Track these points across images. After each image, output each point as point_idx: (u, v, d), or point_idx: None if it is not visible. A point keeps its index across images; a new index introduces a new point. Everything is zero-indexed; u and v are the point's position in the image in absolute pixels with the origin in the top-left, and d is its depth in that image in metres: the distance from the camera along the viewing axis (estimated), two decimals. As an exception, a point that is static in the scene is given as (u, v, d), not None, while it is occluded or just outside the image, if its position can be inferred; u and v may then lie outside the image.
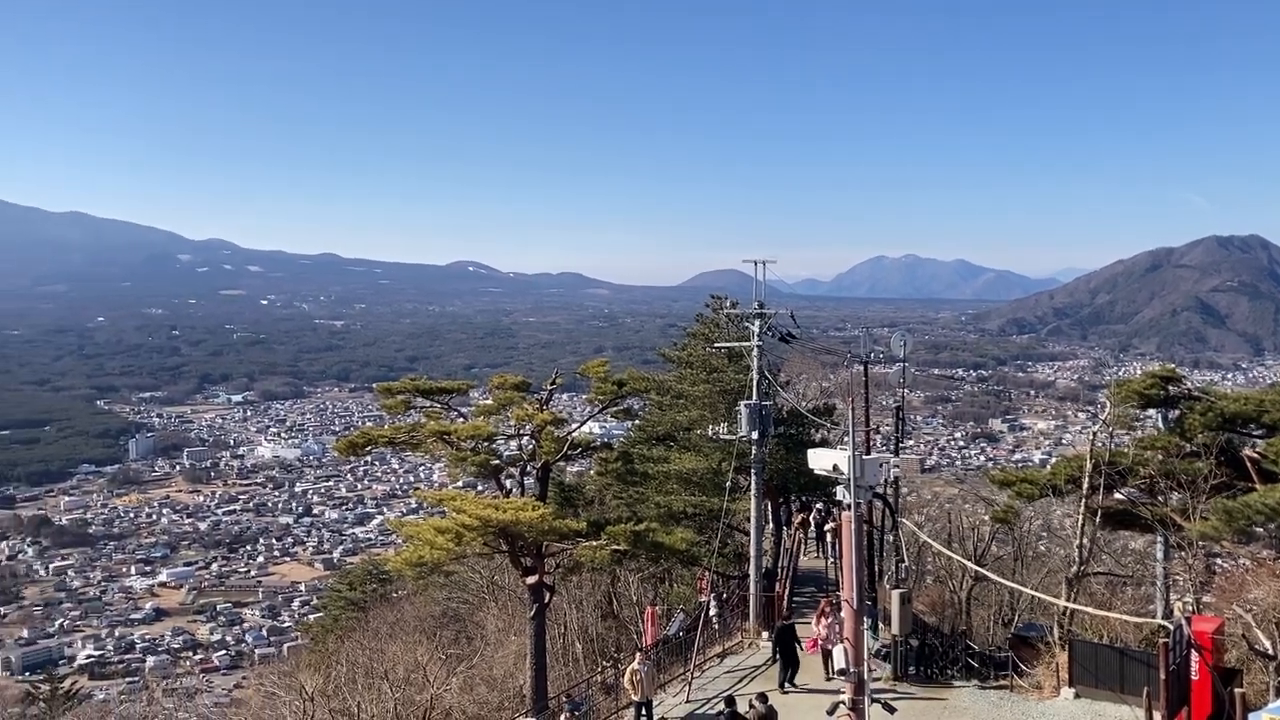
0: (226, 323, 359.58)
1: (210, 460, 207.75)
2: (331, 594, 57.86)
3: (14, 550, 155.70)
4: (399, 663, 26.29)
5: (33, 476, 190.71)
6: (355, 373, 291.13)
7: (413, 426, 27.71)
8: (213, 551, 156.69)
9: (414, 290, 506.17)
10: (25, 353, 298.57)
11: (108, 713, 41.10)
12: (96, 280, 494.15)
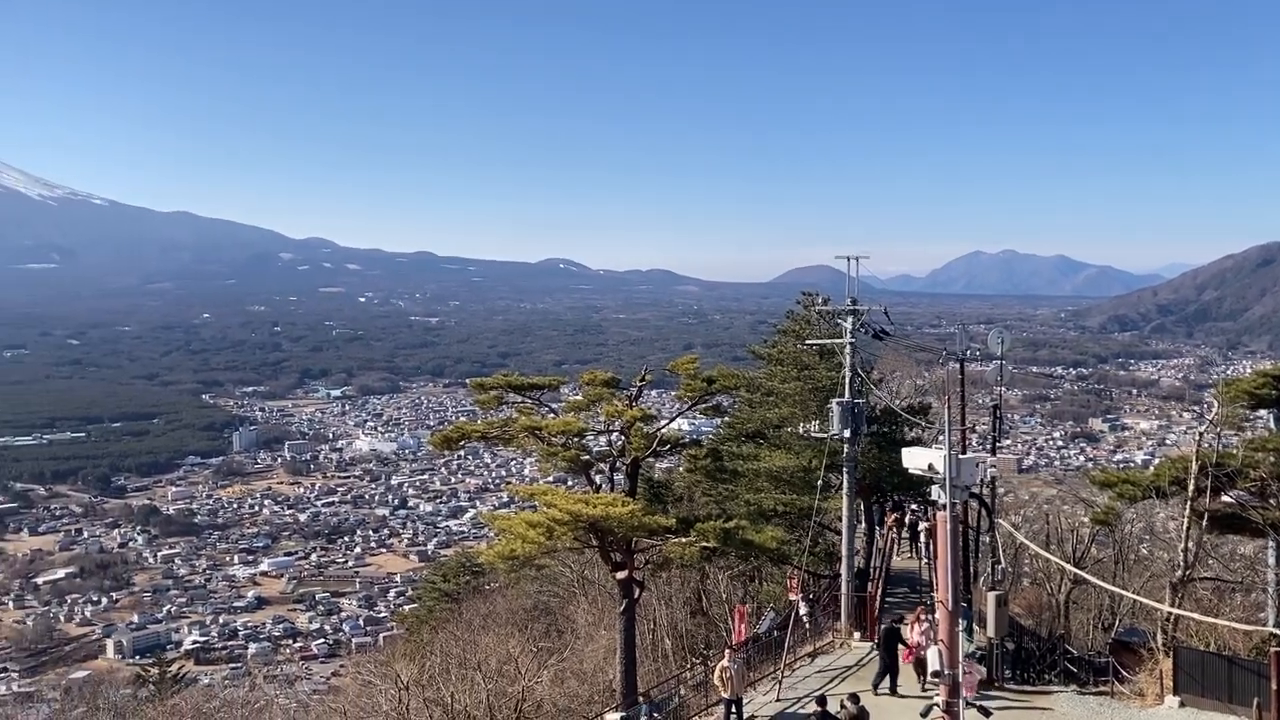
0: (326, 319, 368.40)
1: (310, 453, 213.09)
2: (426, 585, 58.90)
3: (125, 538, 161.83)
4: (491, 654, 26.63)
5: (142, 467, 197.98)
6: (449, 368, 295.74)
7: (505, 422, 27.99)
8: (312, 542, 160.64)
9: (506, 288, 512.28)
10: (135, 348, 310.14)
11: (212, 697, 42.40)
12: (202, 278, 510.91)
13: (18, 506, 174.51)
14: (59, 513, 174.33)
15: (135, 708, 33.50)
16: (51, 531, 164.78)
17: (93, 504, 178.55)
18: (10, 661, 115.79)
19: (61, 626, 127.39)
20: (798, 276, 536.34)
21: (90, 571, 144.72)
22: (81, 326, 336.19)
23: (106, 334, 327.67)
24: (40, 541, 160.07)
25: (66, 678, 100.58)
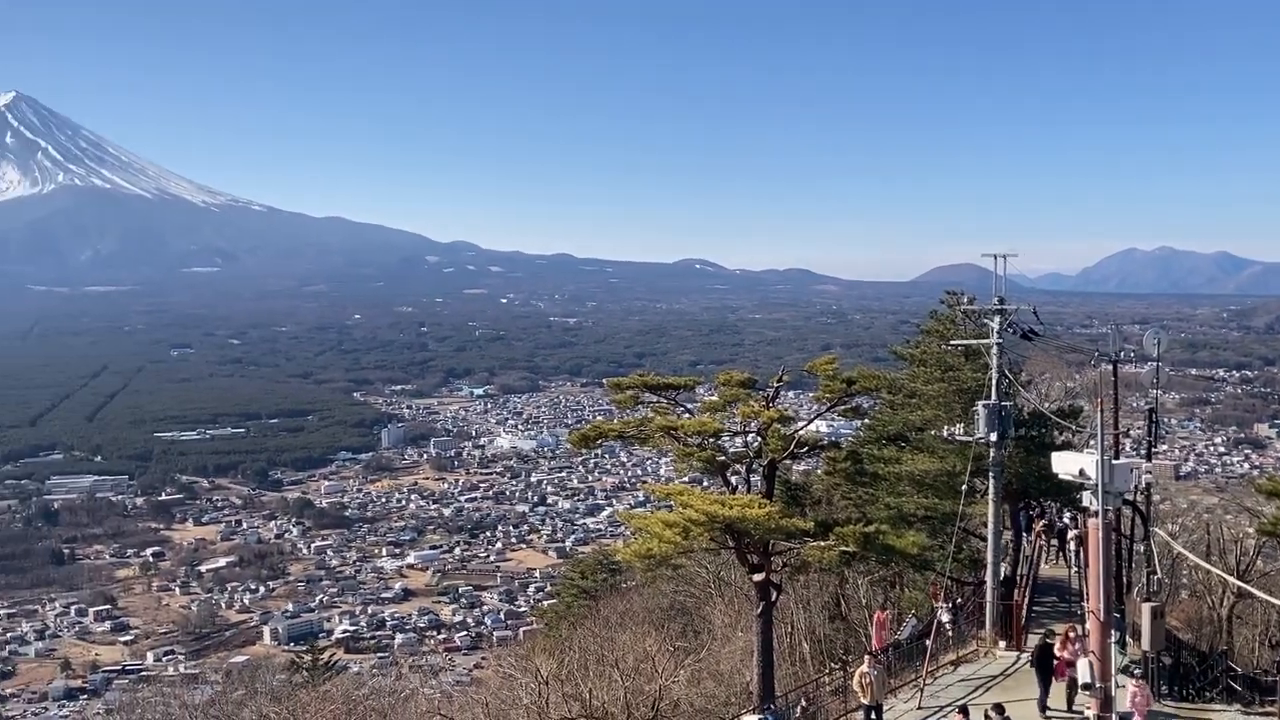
0: (469, 320, 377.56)
1: (454, 450, 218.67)
2: (564, 581, 59.75)
3: (281, 530, 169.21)
4: (629, 652, 26.81)
5: (297, 462, 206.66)
6: (587, 368, 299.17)
7: (641, 421, 28.12)
8: (456, 536, 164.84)
9: (642, 288, 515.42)
10: (291, 348, 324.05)
11: (361, 685, 43.99)
12: (354, 280, 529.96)
13: (183, 498, 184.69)
14: (221, 504, 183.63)
15: (290, 693, 34.94)
16: (214, 522, 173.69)
17: (251, 496, 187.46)
18: (176, 644, 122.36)
19: (222, 613, 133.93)
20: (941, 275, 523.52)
21: (249, 561, 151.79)
22: (242, 327, 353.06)
23: (265, 334, 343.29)
24: (204, 531, 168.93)
25: (227, 661, 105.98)
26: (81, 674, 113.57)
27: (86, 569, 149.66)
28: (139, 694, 60.34)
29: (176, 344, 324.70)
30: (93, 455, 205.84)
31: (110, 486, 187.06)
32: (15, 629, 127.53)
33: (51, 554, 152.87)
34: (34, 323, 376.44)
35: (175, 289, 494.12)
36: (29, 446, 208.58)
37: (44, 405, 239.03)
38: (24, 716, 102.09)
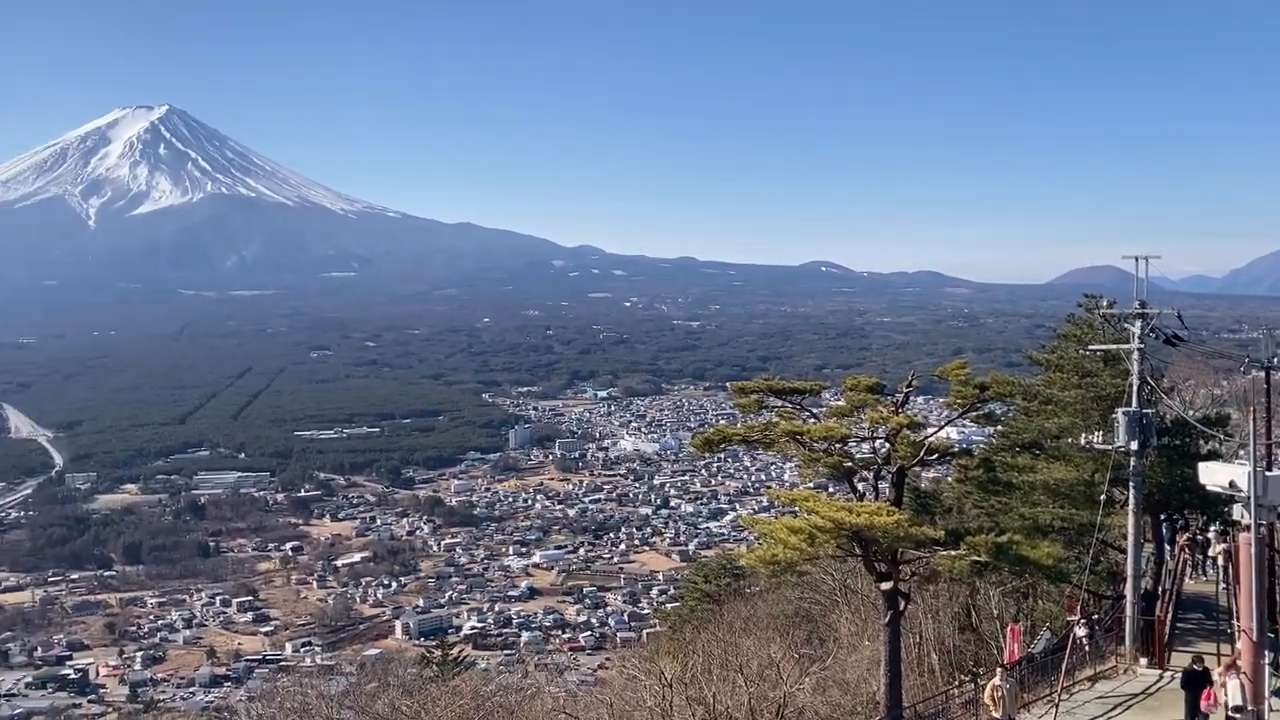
0: (594, 323, 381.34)
1: (578, 451, 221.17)
2: (688, 585, 59.74)
3: (413, 527, 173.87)
4: (753, 658, 26.68)
5: (428, 461, 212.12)
6: (710, 371, 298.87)
7: (766, 425, 27.92)
8: (580, 537, 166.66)
9: (767, 291, 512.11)
10: (423, 350, 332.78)
11: (488, 681, 44.80)
12: (483, 284, 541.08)
13: (321, 494, 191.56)
14: (356, 501, 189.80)
15: (420, 686, 35.85)
16: (349, 518, 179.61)
17: (385, 494, 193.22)
18: (313, 636, 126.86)
19: (357, 607, 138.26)
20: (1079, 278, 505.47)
21: (382, 557, 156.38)
22: (377, 330, 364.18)
23: (399, 336, 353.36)
24: (340, 527, 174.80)
25: (361, 654, 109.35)
26: (225, 662, 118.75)
27: (230, 561, 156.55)
28: (278, 683, 62.75)
29: (316, 346, 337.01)
30: (237, 452, 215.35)
31: (253, 482, 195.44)
32: (165, 617, 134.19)
33: (198, 546, 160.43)
34: (184, 325, 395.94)
35: (315, 293, 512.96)
36: (179, 443, 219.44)
37: (193, 404, 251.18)
38: (173, 700, 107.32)
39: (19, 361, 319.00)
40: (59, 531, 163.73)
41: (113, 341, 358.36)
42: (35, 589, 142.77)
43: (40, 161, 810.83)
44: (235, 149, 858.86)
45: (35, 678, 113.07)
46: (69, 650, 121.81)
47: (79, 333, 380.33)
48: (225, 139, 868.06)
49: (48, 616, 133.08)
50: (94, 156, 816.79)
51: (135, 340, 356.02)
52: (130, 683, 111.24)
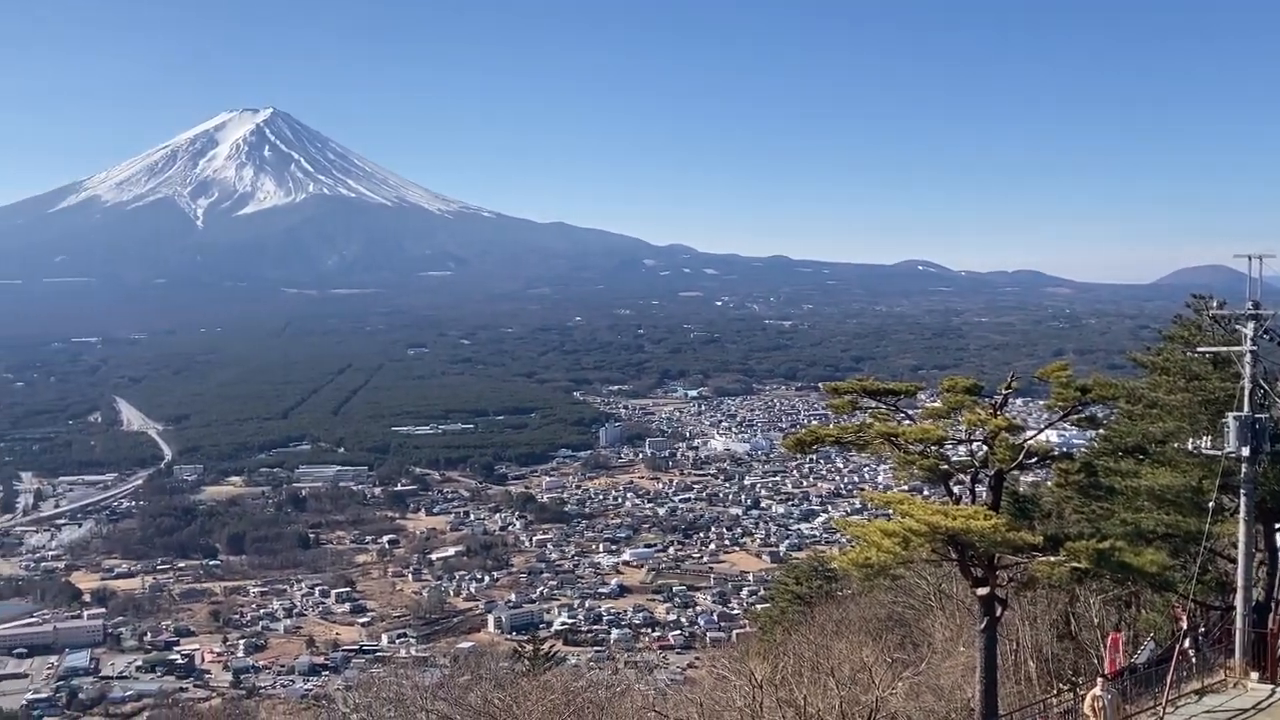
0: (684, 322, 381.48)
1: (668, 450, 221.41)
2: (778, 586, 59.36)
3: (505, 522, 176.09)
4: (845, 661, 26.42)
5: (520, 458, 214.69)
6: (802, 371, 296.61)
7: (859, 427, 27.57)
8: (670, 536, 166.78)
9: (861, 290, 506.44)
10: (516, 348, 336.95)
11: (579, 677, 45.14)
12: (575, 283, 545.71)
13: (416, 489, 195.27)
14: (450, 496, 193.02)
15: (512, 680, 36.27)
16: (444, 513, 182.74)
17: (478, 489, 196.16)
18: (408, 628, 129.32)
19: (450, 600, 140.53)
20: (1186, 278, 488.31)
21: (475, 551, 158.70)
22: (472, 328, 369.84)
23: (492, 335, 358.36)
24: (434, 521, 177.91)
25: (454, 647, 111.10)
26: (324, 651, 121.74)
27: (329, 553, 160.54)
28: (375, 673, 64.17)
29: (412, 344, 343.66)
30: (336, 447, 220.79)
31: (351, 476, 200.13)
32: (267, 606, 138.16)
33: (299, 538, 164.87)
34: (287, 323, 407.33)
35: (412, 292, 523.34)
36: (281, 437, 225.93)
37: (295, 399, 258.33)
38: (274, 687, 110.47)
39: (131, 357, 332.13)
40: (168, 521, 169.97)
41: (219, 338, 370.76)
42: (145, 576, 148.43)
43: (152, 163, 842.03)
44: (336, 150, 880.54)
45: (145, 661, 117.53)
46: (176, 636, 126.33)
47: (187, 329, 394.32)
48: (327, 141, 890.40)
49: (157, 603, 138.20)
50: (202, 158, 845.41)
51: (241, 337, 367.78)
52: (233, 669, 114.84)
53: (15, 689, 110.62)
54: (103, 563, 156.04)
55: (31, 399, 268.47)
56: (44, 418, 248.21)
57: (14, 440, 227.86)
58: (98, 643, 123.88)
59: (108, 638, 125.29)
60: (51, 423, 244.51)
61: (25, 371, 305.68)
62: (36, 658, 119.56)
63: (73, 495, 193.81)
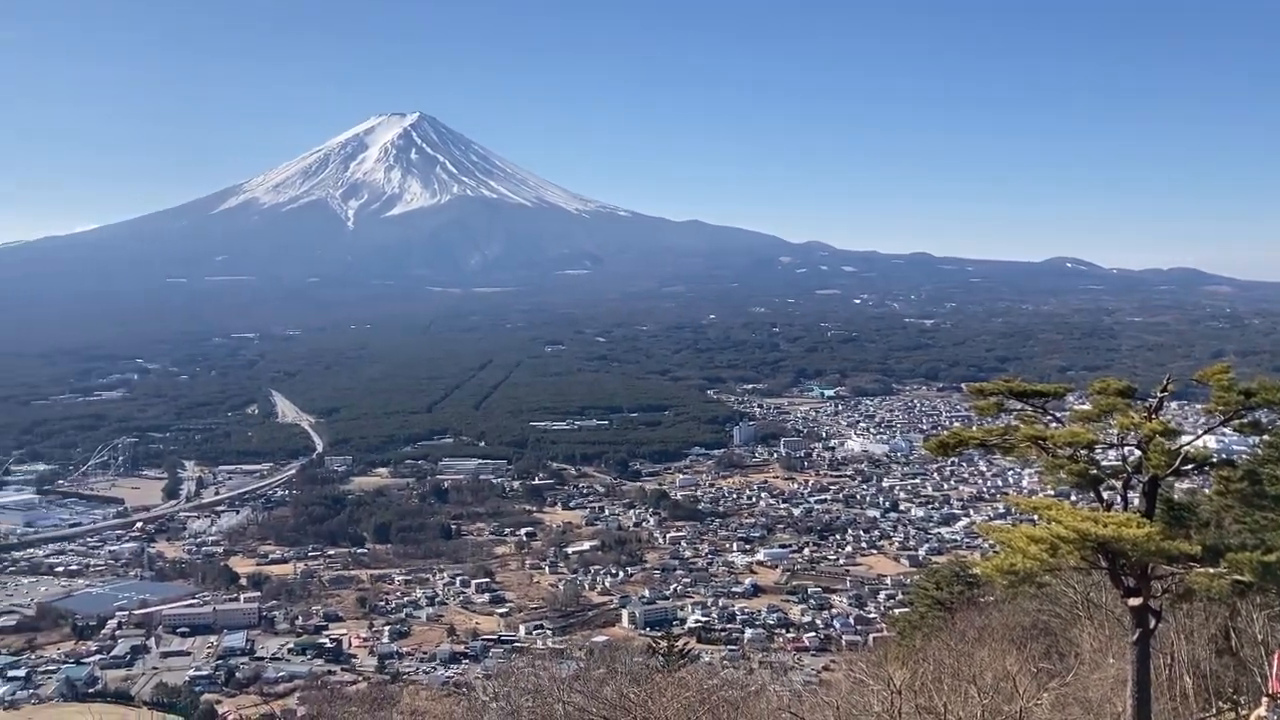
0: (821, 321, 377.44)
1: (804, 450, 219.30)
2: (917, 590, 58.14)
3: (639, 519, 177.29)
4: (987, 669, 25.74)
5: (654, 455, 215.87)
6: (944, 372, 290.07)
7: (1005, 429, 26.78)
8: (804, 537, 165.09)
9: (1006, 288, 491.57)
10: (651, 346, 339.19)
11: (713, 675, 45.23)
12: (709, 281, 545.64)
13: (553, 483, 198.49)
14: (586, 491, 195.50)
15: (647, 676, 36.56)
16: (579, 507, 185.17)
17: (613, 485, 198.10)
18: (545, 619, 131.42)
19: (585, 593, 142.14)
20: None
21: (609, 546, 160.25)
22: (607, 326, 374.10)
23: (627, 333, 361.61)
24: (570, 515, 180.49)
25: (589, 640, 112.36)
26: (464, 640, 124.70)
27: (470, 544, 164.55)
28: (513, 663, 65.55)
29: (550, 341, 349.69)
30: (477, 440, 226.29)
31: (491, 470, 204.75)
32: (410, 594, 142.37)
33: (441, 528, 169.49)
34: (431, 320, 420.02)
35: (550, 290, 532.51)
36: (425, 430, 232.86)
37: (439, 394, 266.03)
38: (416, 673, 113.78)
39: (285, 353, 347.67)
40: (318, 510, 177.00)
41: (368, 335, 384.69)
42: (297, 562, 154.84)
43: (306, 167, 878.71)
44: (479, 152, 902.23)
45: (296, 644, 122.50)
46: (325, 621, 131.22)
47: (338, 326, 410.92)
48: (470, 143, 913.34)
49: (307, 588, 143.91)
50: (353, 161, 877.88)
51: (388, 334, 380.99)
52: (379, 654, 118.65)
53: (180, 665, 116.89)
54: (258, 548, 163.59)
55: (194, 391, 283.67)
56: (205, 409, 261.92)
57: (178, 431, 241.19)
58: (253, 625, 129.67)
59: (262, 620, 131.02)
60: (212, 414, 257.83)
61: (189, 365, 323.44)
62: (198, 637, 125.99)
63: (231, 483, 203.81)
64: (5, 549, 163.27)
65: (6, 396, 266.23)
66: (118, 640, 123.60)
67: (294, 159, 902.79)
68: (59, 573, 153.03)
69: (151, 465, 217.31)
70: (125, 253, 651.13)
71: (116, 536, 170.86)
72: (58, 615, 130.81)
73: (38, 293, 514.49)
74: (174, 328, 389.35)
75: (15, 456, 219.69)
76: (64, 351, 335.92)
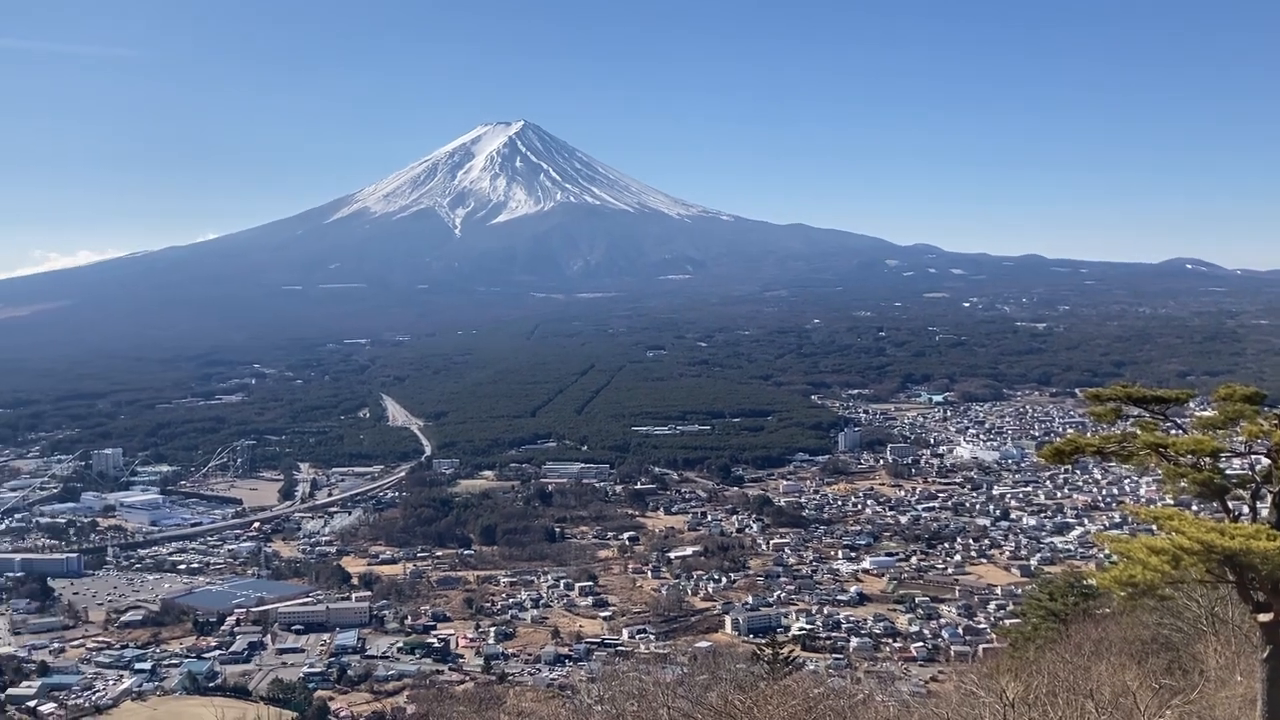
0: (929, 325, 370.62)
1: (911, 457, 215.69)
2: (1030, 601, 56.57)
3: (742, 524, 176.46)
4: (1105, 684, 24.90)
5: (756, 460, 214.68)
6: (1057, 376, 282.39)
7: (1123, 436, 25.92)
8: (912, 545, 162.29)
9: (1122, 291, 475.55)
10: (753, 351, 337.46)
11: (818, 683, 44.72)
12: (813, 285, 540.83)
13: (655, 488, 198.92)
14: (688, 496, 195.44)
15: (752, 683, 36.33)
16: (681, 512, 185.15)
17: (715, 490, 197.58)
18: (648, 624, 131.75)
19: (688, 599, 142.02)
20: None
21: (712, 552, 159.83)
22: (709, 330, 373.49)
23: (729, 337, 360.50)
24: (672, 520, 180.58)
25: (692, 646, 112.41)
26: (568, 643, 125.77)
27: (573, 547, 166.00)
28: (617, 667, 65.84)
29: (652, 345, 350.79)
30: (580, 445, 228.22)
31: (594, 474, 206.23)
32: (515, 596, 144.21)
33: (545, 531, 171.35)
34: (535, 325, 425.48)
35: (651, 295, 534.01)
36: (529, 434, 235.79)
37: (542, 398, 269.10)
38: (521, 675, 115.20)
39: (395, 358, 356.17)
40: (427, 511, 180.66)
41: (474, 340, 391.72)
42: (406, 563, 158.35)
43: (415, 176, 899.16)
44: (582, 159, 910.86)
45: (405, 643, 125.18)
46: (433, 620, 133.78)
47: (446, 332, 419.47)
48: (573, 150, 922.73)
49: (416, 588, 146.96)
50: (460, 170, 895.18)
51: (493, 339, 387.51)
52: (485, 655, 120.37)
53: (294, 662, 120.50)
54: (369, 548, 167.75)
55: (309, 396, 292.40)
56: (319, 413, 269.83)
57: (294, 433, 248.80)
58: (364, 623, 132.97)
59: (373, 619, 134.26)
60: (326, 417, 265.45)
61: (304, 370, 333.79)
62: (311, 634, 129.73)
63: (344, 485, 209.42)
64: (132, 546, 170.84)
65: (133, 400, 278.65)
66: (236, 636, 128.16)
67: (404, 169, 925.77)
68: (181, 570, 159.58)
69: (268, 467, 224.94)
70: (244, 261, 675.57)
71: (235, 536, 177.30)
72: (180, 611, 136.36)
73: (161, 300, 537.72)
74: (289, 334, 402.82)
75: (141, 458, 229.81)
76: (186, 357, 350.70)
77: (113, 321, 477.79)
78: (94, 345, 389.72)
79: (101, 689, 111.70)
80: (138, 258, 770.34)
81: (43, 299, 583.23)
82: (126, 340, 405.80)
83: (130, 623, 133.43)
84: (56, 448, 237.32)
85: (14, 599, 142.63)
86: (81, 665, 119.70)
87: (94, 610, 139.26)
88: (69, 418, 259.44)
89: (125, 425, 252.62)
